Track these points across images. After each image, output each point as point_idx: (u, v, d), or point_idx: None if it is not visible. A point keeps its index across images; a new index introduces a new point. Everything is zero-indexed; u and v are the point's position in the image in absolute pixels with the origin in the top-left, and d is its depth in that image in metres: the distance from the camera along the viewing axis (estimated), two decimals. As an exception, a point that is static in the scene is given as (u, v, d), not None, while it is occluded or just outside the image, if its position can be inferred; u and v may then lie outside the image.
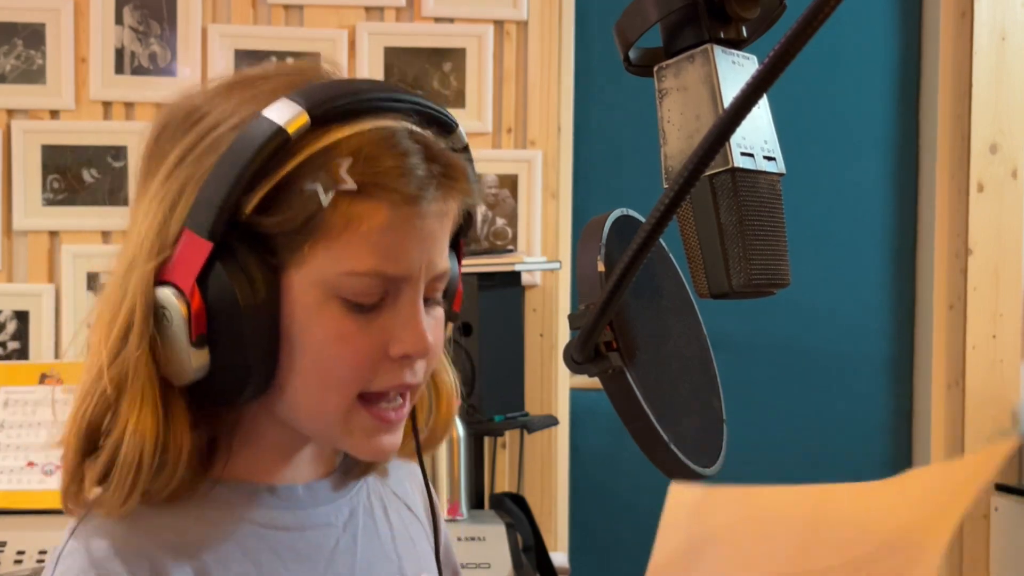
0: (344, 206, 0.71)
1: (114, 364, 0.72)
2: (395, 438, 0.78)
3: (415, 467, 0.97)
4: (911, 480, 0.53)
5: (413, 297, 0.75)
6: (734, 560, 0.54)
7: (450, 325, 0.87)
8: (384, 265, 0.73)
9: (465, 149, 0.80)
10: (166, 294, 0.71)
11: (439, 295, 0.80)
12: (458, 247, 0.85)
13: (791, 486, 0.57)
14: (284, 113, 0.70)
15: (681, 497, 0.58)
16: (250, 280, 0.71)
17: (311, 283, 0.73)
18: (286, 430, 0.79)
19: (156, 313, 0.72)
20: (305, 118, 0.70)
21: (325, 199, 0.70)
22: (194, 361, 0.71)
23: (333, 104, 0.71)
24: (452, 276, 0.84)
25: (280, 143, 0.69)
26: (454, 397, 0.90)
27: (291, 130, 0.69)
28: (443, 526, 0.97)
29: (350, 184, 0.70)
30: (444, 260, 0.78)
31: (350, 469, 0.87)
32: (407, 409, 0.79)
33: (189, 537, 0.76)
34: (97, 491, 0.75)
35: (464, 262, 0.89)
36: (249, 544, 0.78)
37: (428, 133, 0.76)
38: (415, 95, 0.76)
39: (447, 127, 0.78)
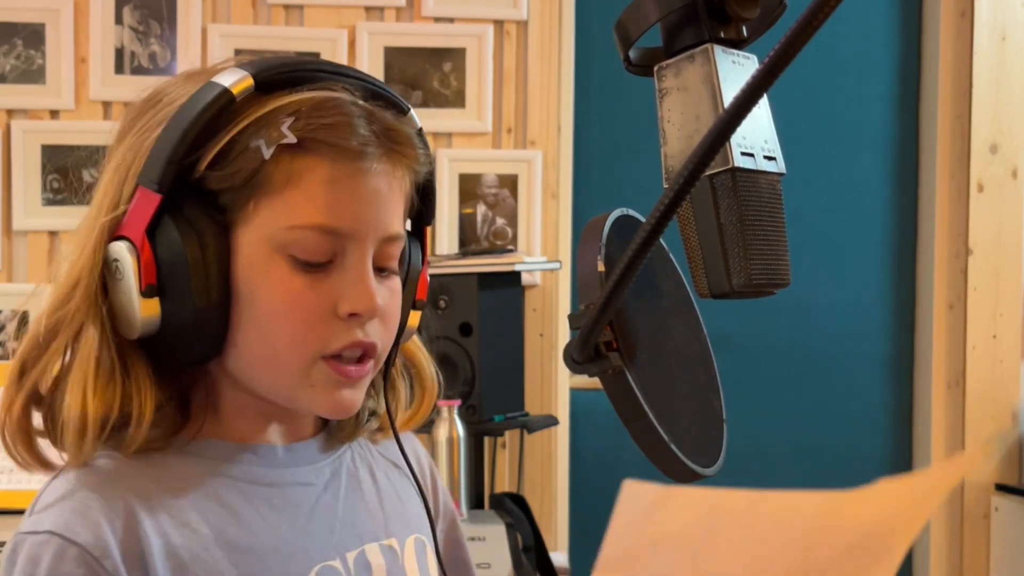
0: (286, 162, 0.75)
1: (55, 313, 0.75)
2: (356, 393, 0.79)
3: (414, 440, 0.98)
4: (879, 489, 0.53)
5: (360, 257, 0.77)
6: (686, 561, 0.54)
7: (417, 314, 0.88)
8: (326, 219, 0.75)
9: (418, 133, 0.82)
10: (118, 247, 0.74)
11: (393, 263, 0.81)
12: (421, 233, 0.87)
13: (752, 491, 0.57)
14: (230, 78, 0.74)
15: (636, 494, 0.58)
16: (199, 234, 0.74)
17: (258, 239, 0.75)
18: (251, 396, 0.81)
19: (109, 266, 0.75)
20: (249, 81, 0.74)
21: (267, 152, 0.74)
22: (143, 311, 0.74)
23: (278, 71, 0.76)
24: (414, 261, 0.86)
25: (225, 103, 0.74)
26: (435, 387, 0.93)
27: (235, 91, 0.74)
28: (444, 488, 0.98)
29: (290, 138, 0.74)
30: (395, 224, 0.79)
31: (334, 433, 0.88)
32: (368, 369, 0.80)
33: (165, 486, 0.77)
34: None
35: (464, 262, 0.90)
36: (226, 496, 0.79)
37: (374, 106, 0.79)
38: (366, 76, 0.80)
39: (398, 108, 0.81)
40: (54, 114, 2.45)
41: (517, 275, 2.34)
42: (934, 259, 2.77)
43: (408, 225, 0.86)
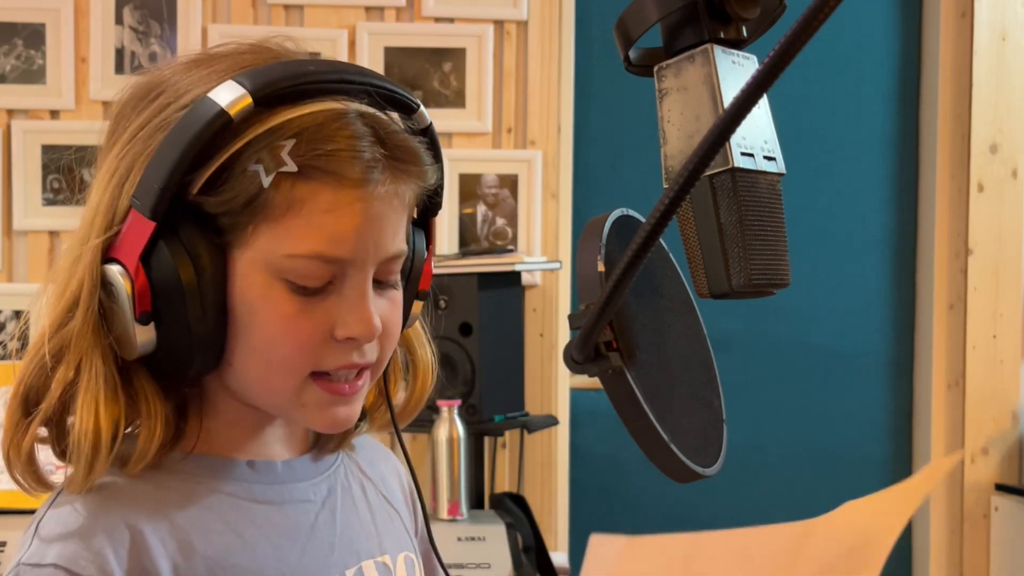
0: (287, 188, 0.72)
1: (56, 335, 0.73)
2: (351, 409, 0.79)
3: (386, 450, 0.97)
4: (848, 508, 0.53)
5: (360, 280, 0.75)
6: None
7: (419, 304, 0.87)
8: (327, 248, 0.73)
9: (427, 130, 0.79)
10: (112, 271, 0.72)
11: (394, 277, 0.79)
12: (428, 224, 0.85)
13: (717, 531, 0.56)
14: (228, 95, 0.70)
15: (602, 548, 0.57)
16: (193, 259, 0.72)
17: (256, 264, 0.73)
18: (247, 407, 0.80)
19: (105, 288, 0.73)
20: (248, 100, 0.70)
21: (266, 180, 0.71)
22: (139, 337, 0.72)
23: (278, 86, 0.71)
24: (418, 255, 0.84)
25: (221, 125, 0.70)
26: (430, 374, 0.91)
27: (233, 112, 0.70)
28: (423, 502, 0.97)
29: (291, 166, 0.71)
30: (396, 243, 0.77)
31: (324, 445, 0.88)
32: (363, 383, 0.79)
33: (169, 507, 0.76)
34: (61, 471, 0.76)
35: (464, 262, 0.89)
36: (229, 516, 0.78)
37: (381, 114, 0.76)
38: (371, 75, 0.77)
39: (406, 107, 0.78)
40: (54, 114, 2.45)
41: (517, 275, 2.34)
42: (934, 259, 2.77)
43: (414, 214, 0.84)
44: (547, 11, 2.54)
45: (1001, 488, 2.68)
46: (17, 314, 2.43)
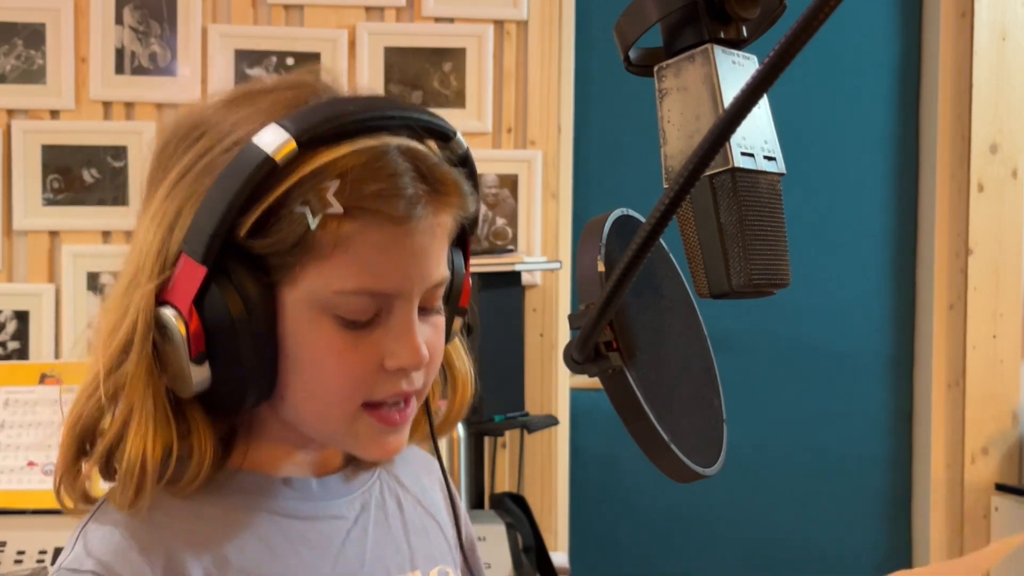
0: (333, 228, 0.73)
1: (112, 376, 0.75)
2: (401, 438, 0.81)
3: (432, 461, 0.98)
4: None
5: (407, 311, 0.77)
6: None
7: (459, 320, 0.89)
8: (374, 283, 0.75)
9: (465, 156, 0.81)
10: (167, 315, 0.74)
11: (438, 303, 0.81)
12: (465, 244, 0.87)
13: None
14: (272, 139, 0.72)
15: None
16: (244, 300, 0.74)
17: (304, 301, 0.75)
18: (295, 429, 0.82)
19: (159, 330, 0.75)
20: (292, 145, 0.72)
21: (313, 222, 0.73)
22: (195, 377, 0.75)
23: (320, 129, 0.73)
24: (458, 273, 0.86)
25: (267, 171, 0.72)
26: (469, 386, 0.93)
27: (278, 157, 0.71)
28: (464, 514, 0.98)
29: (337, 208, 0.73)
30: (440, 271, 0.79)
31: (359, 463, 0.89)
32: (411, 410, 0.81)
33: (206, 523, 0.79)
34: (105, 486, 0.79)
35: (466, 262, 0.90)
36: (263, 531, 0.80)
37: (421, 147, 0.77)
38: (408, 109, 0.78)
39: (444, 135, 0.80)
40: (54, 114, 2.45)
41: (517, 275, 2.34)
42: (934, 259, 2.77)
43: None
44: (547, 11, 2.54)
45: (1001, 488, 2.68)
46: (17, 314, 2.42)
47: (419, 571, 0.89)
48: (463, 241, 0.86)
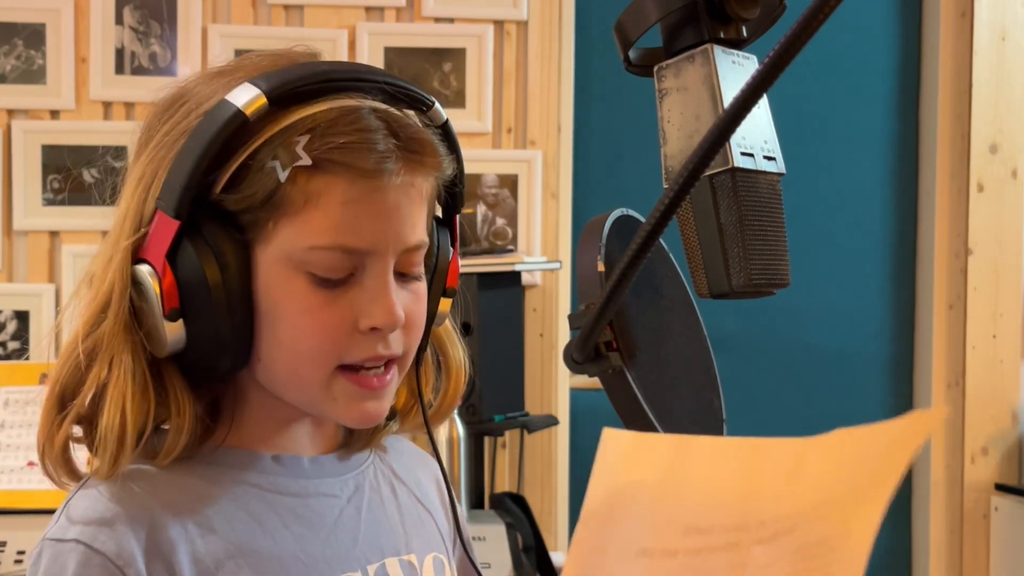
0: (303, 182, 0.74)
1: (89, 336, 0.75)
2: (380, 404, 0.80)
3: (427, 457, 0.98)
4: (846, 441, 0.53)
5: (381, 270, 0.77)
6: (664, 509, 0.54)
7: (447, 302, 0.89)
8: (345, 239, 0.75)
9: (444, 126, 0.81)
10: (142, 271, 0.75)
11: (417, 269, 0.81)
12: (452, 222, 0.87)
13: (727, 438, 0.57)
14: (243, 96, 0.73)
15: (614, 443, 0.58)
16: (217, 256, 0.74)
17: (278, 258, 0.75)
18: (279, 402, 0.81)
19: (135, 287, 0.75)
20: (263, 100, 0.73)
21: (282, 175, 0.73)
22: (168, 334, 0.75)
23: (292, 86, 0.74)
24: (443, 251, 0.86)
25: (238, 124, 0.72)
26: (463, 373, 0.92)
27: (248, 111, 0.72)
28: (462, 512, 0.98)
29: (305, 160, 0.73)
30: (416, 233, 0.79)
31: (352, 443, 0.89)
32: (392, 377, 0.80)
33: (192, 494, 0.78)
34: (89, 462, 0.79)
35: (464, 262, 0.90)
36: (252, 505, 0.80)
37: (395, 110, 0.77)
38: (385, 74, 0.78)
39: (422, 104, 0.80)
40: (54, 114, 2.45)
41: (517, 275, 2.34)
42: (934, 259, 2.77)
43: (438, 212, 0.86)
44: (547, 11, 2.54)
45: (1001, 488, 2.68)
46: (17, 314, 2.43)
47: (414, 555, 0.88)
48: (450, 220, 0.87)
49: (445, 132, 0.81)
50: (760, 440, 0.54)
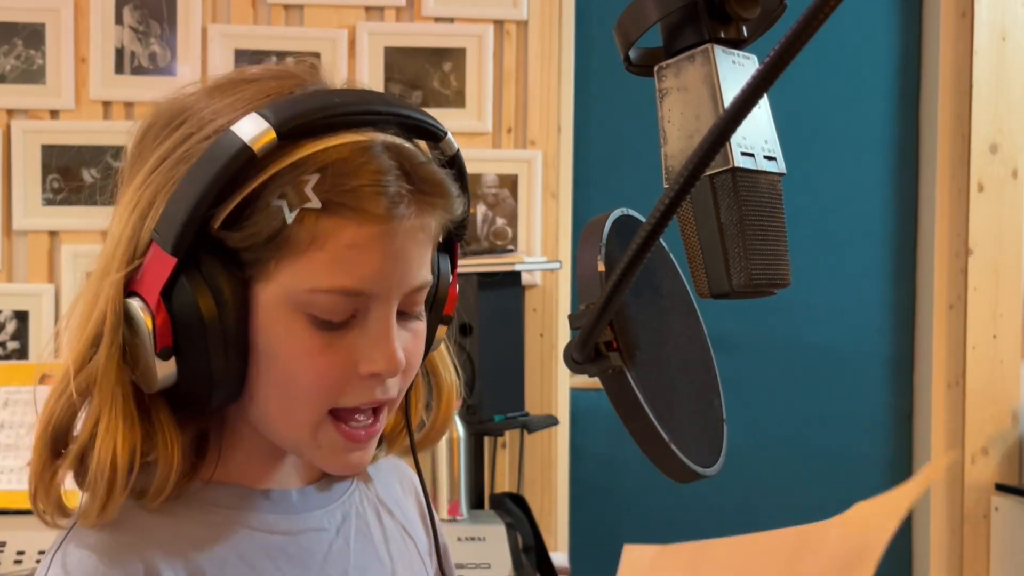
0: (310, 223, 0.70)
1: (82, 371, 0.72)
2: (364, 455, 0.78)
3: (406, 468, 0.96)
4: (846, 515, 0.54)
5: (384, 314, 0.74)
6: None
7: (443, 329, 0.86)
8: (350, 283, 0.72)
9: (455, 158, 0.79)
10: (133, 306, 0.71)
11: (418, 308, 0.78)
12: (452, 248, 0.84)
13: (734, 537, 0.57)
14: (251, 129, 0.69)
15: (635, 557, 0.58)
16: (215, 294, 0.71)
17: (278, 298, 0.72)
18: (266, 438, 0.79)
19: (127, 324, 0.72)
20: (271, 135, 0.69)
21: (289, 216, 0.70)
22: (159, 372, 0.72)
23: (302, 120, 0.70)
24: (443, 280, 0.83)
25: (245, 160, 0.69)
26: (454, 396, 0.90)
27: (256, 147, 0.69)
28: (440, 525, 0.96)
29: (315, 202, 0.70)
30: (421, 275, 0.76)
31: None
32: (379, 426, 0.78)
33: (183, 538, 0.76)
34: (78, 500, 0.75)
35: (464, 262, 0.88)
36: (243, 547, 0.78)
37: (408, 145, 0.74)
38: (398, 105, 0.75)
39: (434, 135, 0.77)
40: (54, 114, 2.45)
41: (517, 275, 2.34)
42: (934, 259, 2.77)
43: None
44: (547, 11, 2.54)
45: (1001, 488, 2.68)
46: (17, 314, 2.42)
47: None
48: (451, 246, 0.84)
49: (456, 166, 0.78)
50: (760, 536, 0.55)
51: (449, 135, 0.78)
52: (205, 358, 0.72)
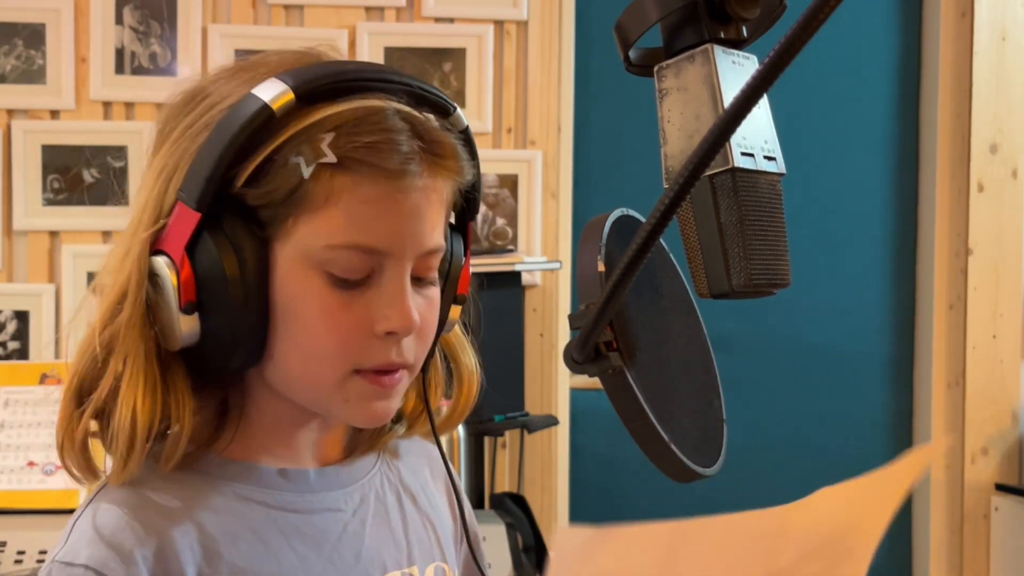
0: (326, 179, 0.73)
1: (107, 328, 0.75)
2: (391, 403, 0.80)
3: (434, 450, 0.97)
4: (829, 494, 0.53)
5: (399, 273, 0.76)
6: None
7: (457, 309, 0.88)
8: (364, 238, 0.74)
9: (464, 132, 0.82)
10: (159, 263, 0.74)
11: (433, 274, 0.80)
12: (465, 229, 0.86)
13: (695, 519, 0.56)
14: (271, 91, 0.73)
15: (569, 540, 0.57)
16: (236, 250, 0.74)
17: (296, 256, 0.75)
18: (287, 405, 0.81)
19: (151, 280, 0.75)
20: (290, 95, 0.72)
21: (306, 171, 0.73)
22: (183, 327, 0.74)
23: (319, 83, 0.74)
24: (456, 257, 0.86)
25: (265, 119, 0.72)
26: (475, 380, 0.92)
27: (276, 106, 0.72)
28: (468, 508, 0.97)
29: (331, 157, 0.73)
30: (434, 237, 0.78)
31: (357, 448, 0.88)
32: (401, 378, 0.80)
33: (198, 514, 0.77)
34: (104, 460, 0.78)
35: (464, 260, 0.89)
36: (257, 524, 0.79)
37: (418, 113, 0.78)
38: (410, 77, 0.78)
39: (443, 109, 0.81)
40: (54, 114, 2.45)
41: (517, 275, 2.34)
42: (934, 259, 2.77)
43: (452, 218, 0.85)
44: (547, 11, 2.54)
45: (1001, 488, 2.68)
46: (17, 314, 2.43)
47: (416, 567, 0.88)
48: (464, 227, 0.86)
49: (465, 138, 0.82)
50: (739, 516, 0.54)
51: (459, 110, 0.82)
52: (227, 314, 0.74)
